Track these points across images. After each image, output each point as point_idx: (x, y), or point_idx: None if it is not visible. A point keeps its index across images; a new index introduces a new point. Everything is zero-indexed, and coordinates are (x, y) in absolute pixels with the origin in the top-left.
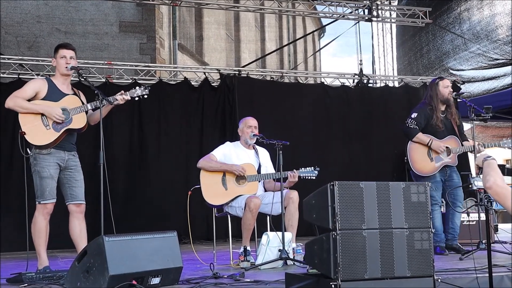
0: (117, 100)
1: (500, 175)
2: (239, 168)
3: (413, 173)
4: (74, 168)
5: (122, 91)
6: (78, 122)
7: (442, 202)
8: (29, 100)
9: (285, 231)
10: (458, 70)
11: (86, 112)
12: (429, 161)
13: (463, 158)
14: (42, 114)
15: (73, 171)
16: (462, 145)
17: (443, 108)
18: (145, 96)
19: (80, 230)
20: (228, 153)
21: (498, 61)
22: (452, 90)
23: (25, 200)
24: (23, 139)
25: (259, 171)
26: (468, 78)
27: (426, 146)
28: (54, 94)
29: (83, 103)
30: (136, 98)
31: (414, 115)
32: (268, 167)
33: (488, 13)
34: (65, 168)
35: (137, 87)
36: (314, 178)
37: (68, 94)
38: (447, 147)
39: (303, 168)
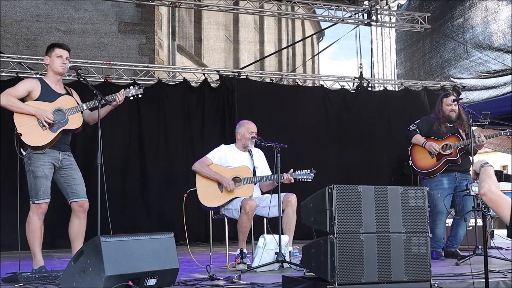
0: (115, 99)
1: (496, 182)
2: (229, 183)
3: (420, 174)
4: (69, 167)
5: (123, 90)
6: (74, 122)
7: (451, 210)
8: (22, 100)
9: (282, 234)
10: (458, 78)
11: (82, 112)
12: (429, 157)
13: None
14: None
15: (69, 169)
16: (463, 139)
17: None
18: (140, 96)
19: (78, 230)
20: (223, 156)
21: (498, 71)
22: (454, 108)
23: (17, 200)
24: (19, 140)
25: (254, 173)
26: (468, 87)
27: (424, 147)
28: (48, 94)
29: (78, 103)
30: (131, 98)
31: (418, 121)
32: (263, 168)
33: (491, 23)
34: (59, 168)
35: (131, 87)
36: (310, 180)
37: (61, 94)
38: (446, 144)
39: (299, 171)
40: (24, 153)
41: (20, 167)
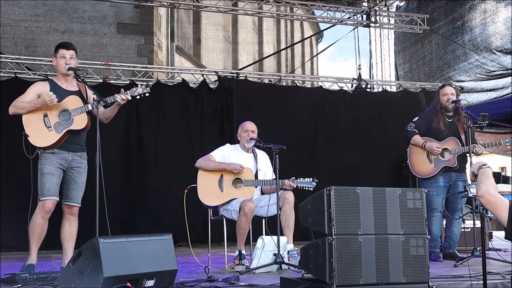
0: (117, 100)
1: (493, 184)
2: (237, 166)
3: (418, 177)
4: (76, 170)
5: (122, 90)
6: (79, 122)
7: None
8: None
9: (281, 232)
10: (457, 80)
11: (88, 112)
12: (428, 163)
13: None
14: (45, 115)
15: (74, 172)
16: (462, 142)
17: (449, 113)
18: (147, 95)
19: (68, 232)
20: (227, 155)
21: (496, 73)
22: (450, 98)
23: (30, 201)
24: (27, 141)
25: (256, 176)
26: (467, 89)
27: (423, 149)
28: (57, 94)
29: (87, 102)
30: (137, 97)
31: (415, 119)
32: (267, 172)
33: (489, 25)
34: (67, 168)
35: (138, 85)
36: (312, 189)
37: (72, 92)
38: (444, 148)
39: (301, 178)
40: (38, 152)
41: (33, 169)
